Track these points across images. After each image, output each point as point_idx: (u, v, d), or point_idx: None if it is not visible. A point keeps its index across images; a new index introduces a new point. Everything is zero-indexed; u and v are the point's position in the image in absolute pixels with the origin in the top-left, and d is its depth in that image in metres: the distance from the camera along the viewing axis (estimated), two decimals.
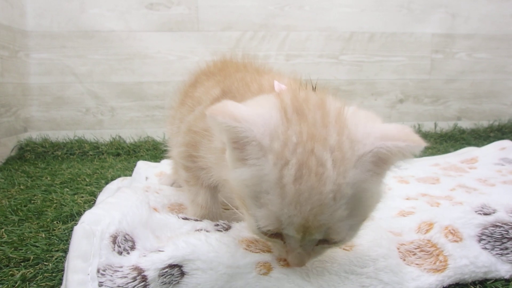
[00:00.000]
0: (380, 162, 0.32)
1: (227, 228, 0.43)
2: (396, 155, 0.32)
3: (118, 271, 0.33)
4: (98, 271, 0.32)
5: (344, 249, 0.40)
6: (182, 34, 1.35)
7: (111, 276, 0.32)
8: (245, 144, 0.32)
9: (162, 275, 0.33)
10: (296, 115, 0.33)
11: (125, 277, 0.32)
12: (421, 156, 1.26)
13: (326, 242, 0.33)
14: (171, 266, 0.34)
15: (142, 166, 0.85)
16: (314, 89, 0.40)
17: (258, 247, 0.37)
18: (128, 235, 0.36)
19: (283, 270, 0.36)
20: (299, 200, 0.31)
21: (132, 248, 0.36)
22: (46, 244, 0.52)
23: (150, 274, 0.33)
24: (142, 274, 0.32)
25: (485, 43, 1.49)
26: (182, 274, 0.34)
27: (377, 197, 0.34)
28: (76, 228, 0.35)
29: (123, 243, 0.35)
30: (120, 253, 0.34)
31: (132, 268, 0.33)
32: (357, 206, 0.32)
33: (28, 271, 0.45)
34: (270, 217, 0.32)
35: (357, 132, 0.32)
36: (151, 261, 0.33)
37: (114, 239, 0.35)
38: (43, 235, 0.56)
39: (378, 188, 0.34)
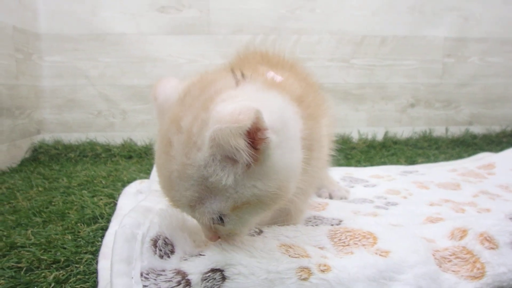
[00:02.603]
0: (222, 146, 0.30)
1: (259, 232, 0.43)
2: (222, 139, 0.30)
3: (161, 274, 0.33)
4: (141, 274, 0.32)
5: (380, 255, 0.40)
6: (193, 37, 1.36)
7: (155, 280, 0.32)
8: None
9: (205, 279, 0.33)
10: (182, 97, 0.36)
11: (170, 281, 0.32)
12: (435, 161, 1.24)
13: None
14: (214, 270, 0.34)
15: None
16: (242, 75, 0.38)
17: (297, 252, 0.37)
18: (167, 238, 0.36)
19: (322, 276, 0.36)
20: (159, 174, 0.35)
21: (172, 252, 0.36)
22: (74, 246, 0.52)
23: (194, 278, 0.33)
24: (186, 278, 0.32)
25: (497, 47, 1.49)
26: (224, 278, 0.34)
27: (242, 182, 0.32)
28: (117, 231, 0.35)
29: (164, 246, 0.35)
30: (161, 256, 0.34)
31: (175, 272, 0.33)
32: (219, 189, 0.32)
33: (60, 273, 0.45)
34: None
35: (212, 114, 0.31)
36: (194, 265, 0.33)
37: (155, 243, 0.35)
38: (69, 237, 0.56)
39: (239, 174, 0.32)
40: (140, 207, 0.39)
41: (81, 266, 0.47)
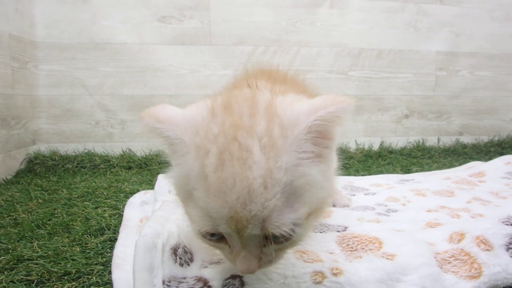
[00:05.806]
0: (317, 137, 0.32)
1: None
2: (332, 121, 0.31)
3: (182, 282, 0.34)
4: (163, 282, 0.33)
5: (387, 258, 0.42)
6: (195, 48, 1.38)
7: (177, 287, 0.33)
8: (171, 144, 0.33)
9: (225, 285, 0.34)
10: (223, 109, 0.33)
11: (192, 287, 0.33)
12: (429, 170, 1.29)
13: (271, 241, 0.31)
14: (233, 277, 0.35)
15: (164, 180, 0.86)
16: (256, 86, 0.39)
17: (310, 257, 0.39)
18: (186, 247, 0.37)
19: (335, 279, 0.38)
20: (223, 189, 0.29)
21: (191, 260, 0.37)
22: (83, 257, 0.52)
23: (215, 284, 0.34)
24: (208, 284, 0.34)
25: (486, 62, 1.57)
26: (242, 284, 0.35)
27: (320, 183, 0.32)
28: (138, 241, 0.36)
29: (184, 255, 0.36)
30: (181, 265, 0.35)
31: (196, 279, 0.34)
32: (297, 195, 0.31)
33: (73, 285, 0.45)
34: (201, 215, 0.30)
35: (286, 117, 0.32)
36: (214, 272, 0.35)
37: (175, 251, 0.36)
38: (78, 249, 0.56)
39: (320, 174, 0.32)
40: (158, 217, 0.41)
41: (94, 277, 0.47)
